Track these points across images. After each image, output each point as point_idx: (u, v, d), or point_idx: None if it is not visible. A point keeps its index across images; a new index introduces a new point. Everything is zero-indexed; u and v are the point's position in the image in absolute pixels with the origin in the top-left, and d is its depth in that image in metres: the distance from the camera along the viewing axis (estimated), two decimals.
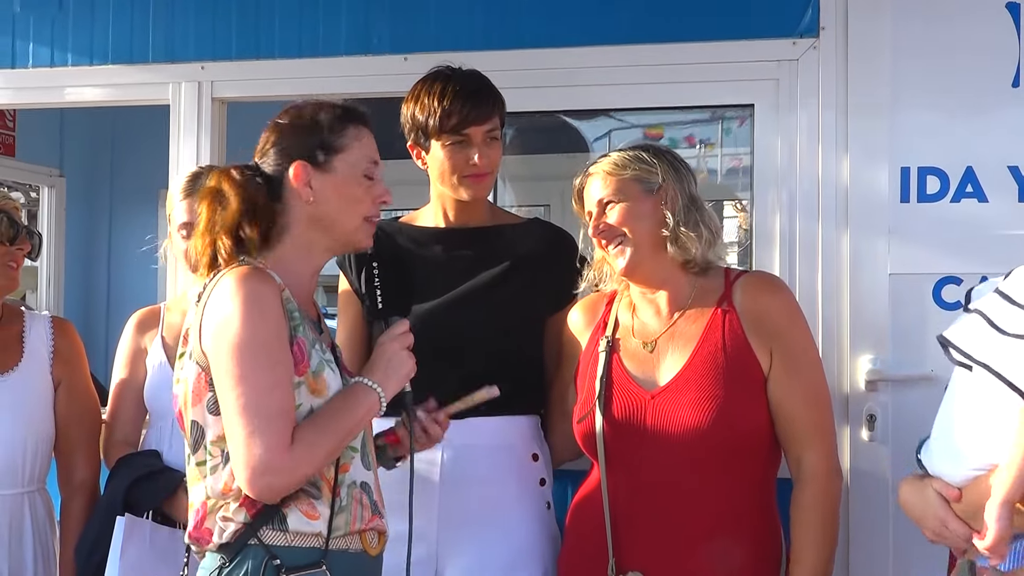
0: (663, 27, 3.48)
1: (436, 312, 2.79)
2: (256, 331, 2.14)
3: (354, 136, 2.33)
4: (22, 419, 3.00)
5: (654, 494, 2.54)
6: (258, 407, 2.11)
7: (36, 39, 3.95)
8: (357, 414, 2.23)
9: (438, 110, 2.76)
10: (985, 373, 2.10)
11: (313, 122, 2.32)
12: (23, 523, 3.01)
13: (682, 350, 2.59)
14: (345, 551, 2.23)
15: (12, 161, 6.44)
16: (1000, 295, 2.14)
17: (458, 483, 2.76)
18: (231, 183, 2.26)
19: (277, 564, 2.15)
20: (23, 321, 3.10)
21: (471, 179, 2.80)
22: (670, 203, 2.59)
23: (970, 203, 3.25)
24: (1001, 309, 2.12)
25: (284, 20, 3.72)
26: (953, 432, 2.19)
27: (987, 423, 2.10)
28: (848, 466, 3.23)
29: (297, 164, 2.27)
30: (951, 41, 3.28)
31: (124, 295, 6.74)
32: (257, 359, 2.13)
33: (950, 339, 2.19)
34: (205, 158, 3.73)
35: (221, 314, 2.16)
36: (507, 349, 2.77)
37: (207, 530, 2.21)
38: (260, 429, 2.10)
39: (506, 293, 2.83)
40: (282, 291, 2.20)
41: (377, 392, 2.25)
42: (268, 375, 2.13)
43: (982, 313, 2.15)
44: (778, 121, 3.40)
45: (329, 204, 2.30)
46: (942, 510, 2.16)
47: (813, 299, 3.27)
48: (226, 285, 2.17)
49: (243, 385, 2.12)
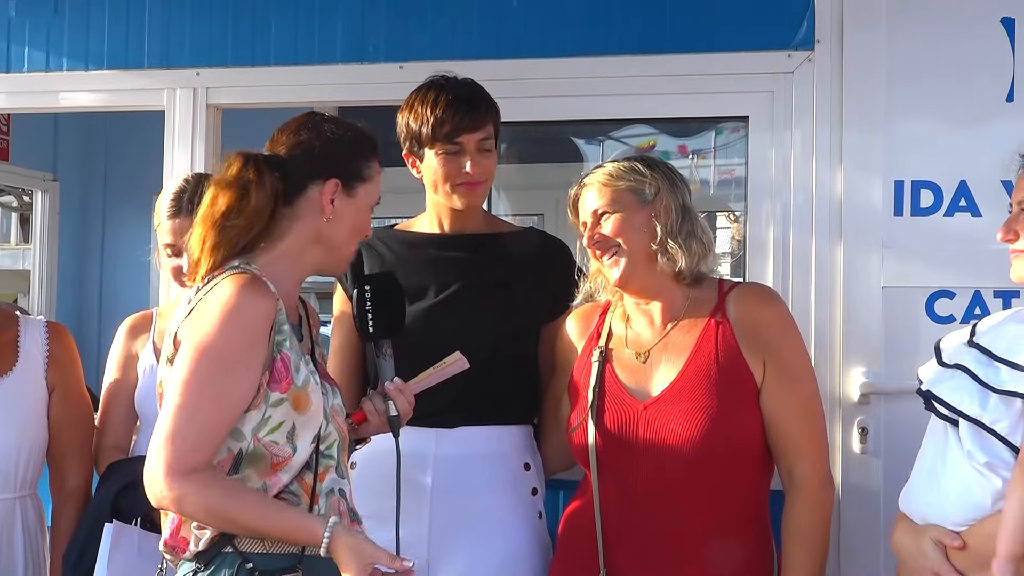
0: (659, 38, 3.48)
1: (429, 318, 2.79)
2: (225, 341, 2.12)
3: (376, 170, 2.36)
4: (15, 424, 2.98)
5: (646, 505, 2.53)
6: (183, 416, 2.09)
7: (31, 43, 3.94)
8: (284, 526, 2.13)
9: (431, 119, 2.75)
10: (975, 428, 2.13)
11: (354, 144, 2.32)
12: (14, 528, 2.99)
13: (675, 361, 2.59)
14: (324, 557, 2.20)
15: (6, 165, 6.45)
16: (979, 349, 2.18)
17: (450, 492, 2.76)
18: (259, 178, 2.22)
19: (250, 567, 2.14)
20: (18, 326, 3.09)
21: (464, 187, 2.79)
22: (663, 214, 2.60)
23: (964, 217, 3.27)
24: (984, 365, 2.16)
25: (280, 27, 3.72)
26: (943, 484, 2.21)
27: (977, 475, 2.12)
28: (840, 478, 3.23)
29: (333, 181, 2.27)
30: (946, 55, 3.30)
31: (116, 299, 6.74)
32: (211, 368, 2.11)
33: (937, 395, 2.22)
34: (200, 164, 3.73)
35: (204, 314, 2.15)
36: (500, 358, 2.77)
37: (183, 539, 2.20)
38: (173, 440, 2.08)
39: (500, 302, 2.83)
40: (277, 302, 2.18)
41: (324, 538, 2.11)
42: (214, 388, 2.11)
43: (966, 369, 2.18)
44: (773, 133, 3.41)
45: (342, 227, 2.30)
46: (939, 563, 2.17)
47: (806, 311, 3.28)
48: (223, 290, 2.15)
49: (187, 388, 2.11)
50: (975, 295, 3.22)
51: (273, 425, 2.17)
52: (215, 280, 2.20)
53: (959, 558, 2.16)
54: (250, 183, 2.22)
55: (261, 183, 2.22)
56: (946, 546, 2.18)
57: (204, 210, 2.26)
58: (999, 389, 2.12)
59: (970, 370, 2.18)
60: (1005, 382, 2.12)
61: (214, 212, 2.23)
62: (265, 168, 2.24)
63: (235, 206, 2.22)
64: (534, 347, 2.90)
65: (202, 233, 2.24)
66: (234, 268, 2.21)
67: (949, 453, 2.22)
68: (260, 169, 2.23)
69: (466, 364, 2.48)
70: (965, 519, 2.17)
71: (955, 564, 2.17)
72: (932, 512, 2.23)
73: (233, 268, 2.21)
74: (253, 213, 2.22)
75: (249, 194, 2.22)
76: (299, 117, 2.36)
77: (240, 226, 2.22)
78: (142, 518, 2.85)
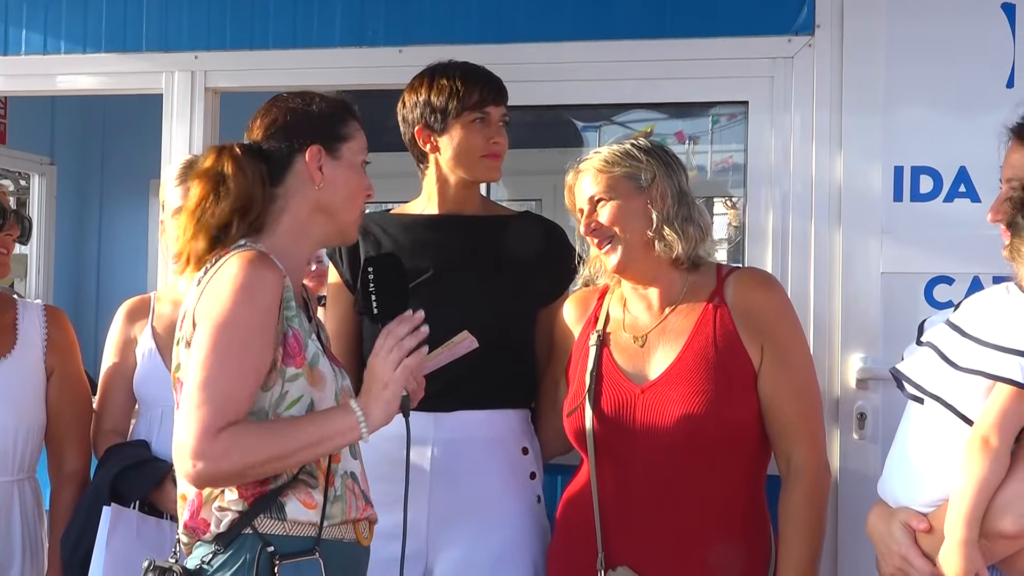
0: (658, 22, 3.48)
1: (426, 302, 2.78)
2: (239, 314, 2.13)
3: (355, 128, 2.37)
4: (13, 407, 2.98)
5: (643, 488, 2.54)
6: (210, 388, 2.11)
7: (29, 26, 3.93)
8: (321, 431, 2.18)
9: (461, 89, 2.81)
10: (937, 405, 2.11)
11: (323, 108, 2.34)
12: (12, 511, 2.99)
13: (672, 345, 2.59)
14: (340, 540, 2.24)
15: (3, 149, 6.44)
16: (951, 326, 2.15)
17: (448, 477, 2.76)
18: (236, 167, 2.25)
19: (272, 551, 2.15)
20: (16, 309, 3.09)
21: (490, 159, 2.84)
22: (659, 200, 2.59)
23: (963, 203, 3.26)
24: (952, 342, 2.13)
25: (279, 10, 3.71)
26: (912, 464, 2.19)
27: (944, 454, 2.11)
28: (838, 464, 3.23)
29: (313, 147, 2.29)
30: (946, 41, 3.29)
31: (114, 284, 6.74)
32: (232, 342, 2.13)
33: (903, 372, 2.20)
34: (198, 148, 3.71)
35: (215, 292, 2.16)
36: (497, 342, 2.76)
37: (203, 520, 2.21)
38: (199, 409, 2.10)
39: (496, 285, 2.83)
40: (284, 278, 2.20)
41: (357, 417, 2.20)
42: (235, 361, 2.13)
43: (934, 346, 2.16)
44: (772, 118, 3.40)
45: (336, 191, 2.31)
46: (906, 546, 2.15)
47: (805, 297, 3.28)
48: (230, 267, 2.17)
49: (207, 363, 2.12)
50: (974, 281, 3.21)
51: (291, 400, 2.19)
52: (222, 259, 2.21)
53: (926, 541, 2.15)
54: (225, 174, 2.24)
55: (240, 171, 2.24)
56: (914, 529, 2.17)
57: (186, 203, 2.32)
58: (962, 367, 2.10)
59: (937, 347, 2.16)
60: (968, 360, 2.09)
61: (189, 203, 2.29)
62: (243, 156, 2.27)
63: (208, 196, 2.24)
64: (531, 331, 2.90)
65: (183, 223, 2.29)
66: (240, 247, 2.23)
67: (916, 432, 2.20)
68: (235, 157, 2.26)
69: (475, 343, 2.47)
70: (932, 500, 2.15)
71: (922, 547, 2.16)
72: (902, 494, 2.22)
73: (239, 247, 2.23)
74: (237, 200, 2.23)
75: (227, 183, 2.24)
76: (266, 102, 2.38)
77: (223, 213, 2.23)
78: (140, 501, 2.86)
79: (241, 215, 2.24)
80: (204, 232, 2.24)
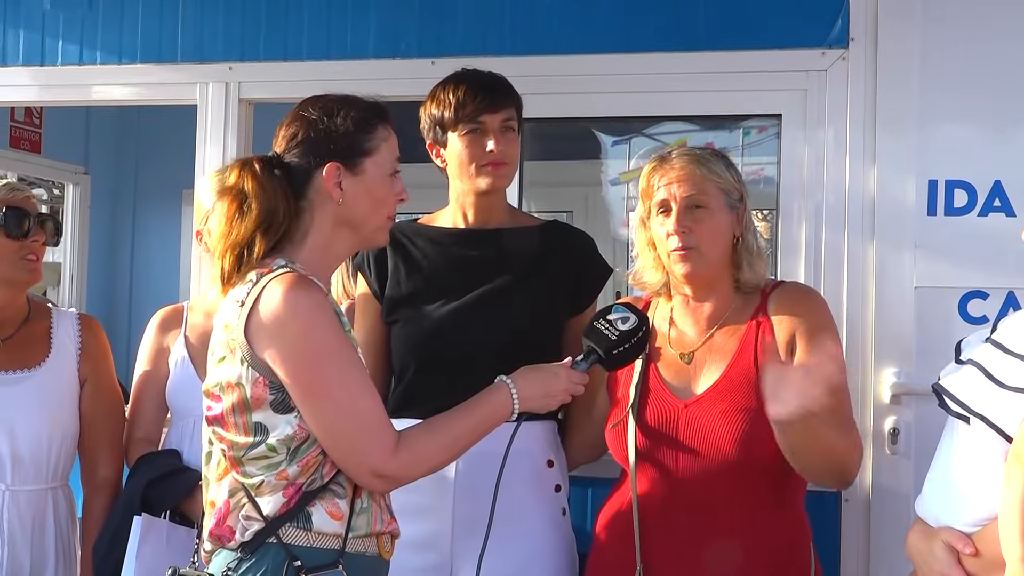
0: (691, 35, 3.47)
1: (453, 314, 2.79)
2: (328, 339, 2.17)
3: (382, 137, 2.34)
4: (48, 415, 3.00)
5: (684, 503, 2.52)
6: (355, 413, 2.17)
7: (65, 37, 3.96)
8: (481, 411, 2.32)
9: (453, 101, 2.78)
10: (981, 424, 2.09)
11: (345, 121, 2.30)
12: (46, 519, 3.01)
13: (719, 363, 2.58)
14: (363, 554, 2.23)
15: (38, 158, 6.47)
16: (995, 345, 2.13)
17: (473, 489, 2.74)
18: (255, 184, 2.25)
19: (298, 565, 2.15)
20: (50, 317, 3.11)
21: (490, 167, 2.80)
22: (741, 225, 2.61)
23: (998, 217, 3.24)
24: (997, 360, 2.11)
25: (312, 22, 3.73)
26: (954, 483, 2.17)
27: (987, 474, 2.09)
28: (871, 480, 3.21)
29: (330, 166, 2.27)
30: (981, 54, 3.27)
31: (147, 293, 6.77)
32: (341, 366, 2.17)
33: (946, 388, 2.18)
34: (231, 159, 3.72)
35: (284, 325, 2.15)
36: (524, 353, 2.75)
37: (228, 527, 2.21)
38: (363, 435, 2.17)
39: (524, 295, 2.82)
40: (327, 296, 2.21)
41: (511, 392, 2.33)
42: (355, 381, 2.19)
43: (978, 364, 2.14)
44: (805, 131, 3.39)
45: (358, 206, 2.30)
46: (948, 566, 2.13)
47: (838, 311, 3.25)
48: (279, 294, 2.15)
49: (337, 392, 2.16)
50: (1008, 296, 3.18)
51: None
52: (264, 280, 2.20)
53: (971, 563, 2.12)
54: (247, 191, 2.25)
55: (262, 186, 2.24)
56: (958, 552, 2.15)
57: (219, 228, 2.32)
58: (1009, 385, 2.08)
59: (982, 365, 2.14)
60: (1015, 378, 2.07)
61: (220, 222, 2.30)
62: (263, 172, 2.26)
63: (235, 216, 2.25)
64: (558, 341, 2.89)
65: (215, 242, 2.33)
66: (282, 267, 2.22)
67: (960, 451, 2.18)
68: (255, 173, 2.25)
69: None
70: (976, 520, 2.13)
71: (967, 568, 2.13)
72: (944, 513, 2.19)
73: (281, 267, 2.22)
74: (259, 215, 2.23)
75: (249, 200, 2.24)
76: (293, 109, 2.37)
77: (247, 230, 2.24)
78: (171, 511, 2.87)
79: (264, 230, 2.24)
80: (232, 250, 2.25)
